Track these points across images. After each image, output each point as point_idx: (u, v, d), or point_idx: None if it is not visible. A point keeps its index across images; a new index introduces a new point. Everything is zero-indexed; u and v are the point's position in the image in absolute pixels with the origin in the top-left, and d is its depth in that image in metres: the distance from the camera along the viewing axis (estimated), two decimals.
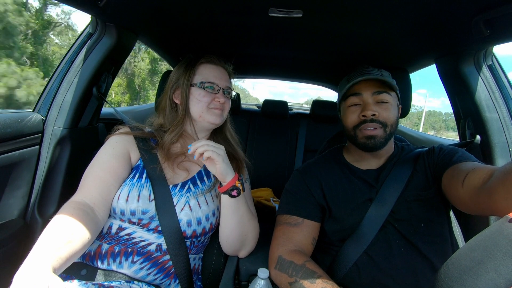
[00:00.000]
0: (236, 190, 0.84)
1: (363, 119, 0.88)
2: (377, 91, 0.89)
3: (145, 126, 1.00)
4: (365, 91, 0.90)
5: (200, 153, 0.80)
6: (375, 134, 0.87)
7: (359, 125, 0.89)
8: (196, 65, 0.97)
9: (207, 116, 0.93)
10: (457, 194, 0.75)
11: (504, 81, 1.11)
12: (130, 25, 1.18)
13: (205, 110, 0.93)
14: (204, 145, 0.80)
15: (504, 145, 1.05)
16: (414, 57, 1.36)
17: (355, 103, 0.91)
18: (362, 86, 0.90)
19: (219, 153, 0.81)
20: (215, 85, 0.94)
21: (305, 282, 0.73)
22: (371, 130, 0.88)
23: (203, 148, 0.80)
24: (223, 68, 1.01)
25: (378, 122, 0.88)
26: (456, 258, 0.50)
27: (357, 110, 0.90)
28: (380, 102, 0.89)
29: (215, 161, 0.81)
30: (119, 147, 0.89)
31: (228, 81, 1.00)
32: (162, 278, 0.82)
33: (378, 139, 0.88)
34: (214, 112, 0.94)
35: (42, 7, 15.92)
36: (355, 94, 0.91)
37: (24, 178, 1.08)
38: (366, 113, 0.87)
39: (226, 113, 0.99)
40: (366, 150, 0.91)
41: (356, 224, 0.87)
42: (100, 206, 0.79)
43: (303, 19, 1.08)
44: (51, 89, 1.17)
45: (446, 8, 0.89)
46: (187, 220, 0.84)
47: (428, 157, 0.91)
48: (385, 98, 0.90)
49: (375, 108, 0.88)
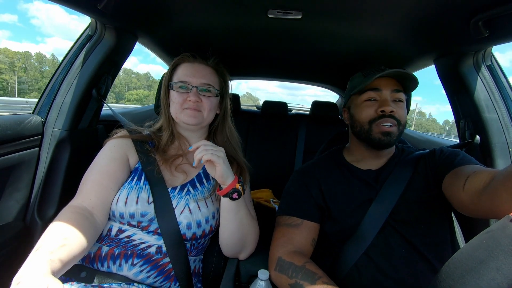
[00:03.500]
0: (237, 193, 0.83)
1: (382, 114, 0.88)
2: (396, 89, 0.90)
3: (143, 129, 1.00)
4: (385, 87, 0.90)
5: (199, 158, 0.78)
6: (391, 131, 0.87)
7: (376, 120, 0.89)
8: (174, 67, 0.95)
9: (181, 116, 0.90)
10: (458, 198, 0.74)
11: (503, 81, 1.11)
12: (130, 27, 1.18)
13: (179, 111, 0.90)
14: (203, 150, 0.78)
15: (503, 146, 1.05)
16: (413, 58, 1.36)
17: (372, 97, 0.91)
18: (382, 82, 0.90)
19: (219, 155, 0.79)
20: (186, 84, 0.90)
21: (305, 284, 0.73)
22: (388, 127, 0.87)
23: (201, 154, 0.78)
24: (201, 64, 0.94)
25: (395, 119, 0.88)
26: (457, 257, 0.49)
27: (374, 105, 0.90)
28: (396, 100, 0.90)
29: (215, 164, 0.79)
30: (117, 151, 0.89)
31: (206, 77, 0.92)
32: (162, 280, 0.81)
33: (393, 136, 0.88)
34: (187, 113, 0.89)
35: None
36: (374, 89, 0.90)
37: (24, 180, 1.08)
38: (386, 109, 0.87)
39: (207, 113, 0.92)
40: (379, 147, 0.91)
41: (356, 225, 0.87)
42: (99, 210, 0.79)
43: (302, 20, 1.08)
44: (50, 91, 1.18)
45: (445, 8, 0.89)
46: (187, 223, 0.84)
47: (429, 160, 0.91)
48: (401, 97, 0.91)
49: (392, 105, 0.88)
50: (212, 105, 0.93)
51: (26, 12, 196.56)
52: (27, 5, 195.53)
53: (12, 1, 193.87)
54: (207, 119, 0.94)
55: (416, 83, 0.91)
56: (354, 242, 0.85)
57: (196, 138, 0.99)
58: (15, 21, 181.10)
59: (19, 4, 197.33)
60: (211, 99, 0.92)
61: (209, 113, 0.93)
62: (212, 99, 0.93)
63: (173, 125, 0.97)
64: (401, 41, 1.22)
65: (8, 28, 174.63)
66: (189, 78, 0.90)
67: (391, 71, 0.87)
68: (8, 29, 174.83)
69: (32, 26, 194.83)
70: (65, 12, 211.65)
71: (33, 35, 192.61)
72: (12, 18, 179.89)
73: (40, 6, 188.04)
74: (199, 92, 0.90)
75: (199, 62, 0.94)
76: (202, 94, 0.91)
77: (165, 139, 0.95)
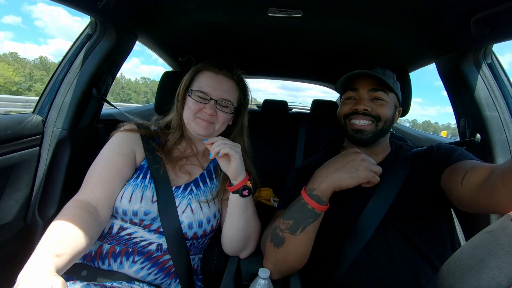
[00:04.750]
0: (247, 190, 0.84)
1: (355, 111, 0.93)
2: (373, 88, 0.93)
3: (150, 123, 0.98)
4: (362, 87, 0.94)
5: (217, 152, 0.79)
6: (364, 129, 0.92)
7: (349, 115, 0.95)
8: (197, 71, 0.93)
9: (193, 125, 0.89)
10: (456, 193, 0.75)
11: (504, 79, 1.10)
12: (130, 26, 1.18)
13: (191, 118, 0.89)
14: (221, 144, 0.80)
15: (504, 144, 1.05)
16: (414, 56, 1.36)
17: (351, 96, 0.97)
18: (360, 82, 0.95)
19: (237, 151, 0.81)
20: (206, 95, 0.88)
21: (293, 207, 0.80)
22: (360, 125, 0.93)
23: (219, 147, 0.79)
24: (225, 77, 0.92)
25: (370, 116, 0.92)
26: (457, 256, 0.49)
27: (351, 103, 0.96)
28: (375, 99, 0.93)
29: (232, 158, 0.80)
30: (125, 146, 0.88)
31: (227, 93, 0.90)
32: (162, 277, 0.82)
33: (366, 134, 0.92)
34: (199, 123, 0.88)
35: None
36: (352, 89, 0.96)
37: (24, 180, 1.08)
38: (358, 107, 0.93)
39: (219, 126, 0.90)
40: (354, 143, 0.95)
41: (353, 221, 0.87)
42: (103, 206, 0.79)
43: (302, 19, 1.08)
44: (51, 90, 1.17)
45: (445, 7, 0.89)
46: (188, 222, 0.84)
47: (427, 156, 0.92)
48: (380, 95, 0.93)
49: (368, 103, 0.92)
50: (226, 119, 0.92)
51: (30, 13, 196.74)
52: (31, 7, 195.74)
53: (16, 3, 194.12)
54: (218, 132, 0.93)
55: (391, 80, 0.95)
56: (353, 239, 0.86)
57: (204, 143, 0.99)
58: (19, 22, 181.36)
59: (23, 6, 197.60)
60: (226, 114, 0.91)
61: (221, 127, 0.92)
62: (228, 114, 0.91)
63: (184, 128, 0.96)
64: (401, 39, 1.22)
65: (12, 30, 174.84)
66: (210, 89, 0.88)
67: (355, 72, 0.92)
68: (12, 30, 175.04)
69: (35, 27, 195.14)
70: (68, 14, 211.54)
71: (35, 36, 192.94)
72: (16, 20, 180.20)
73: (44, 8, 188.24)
74: (216, 105, 0.88)
75: (223, 75, 0.92)
76: (218, 108, 0.89)
77: (173, 140, 0.94)
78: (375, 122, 0.92)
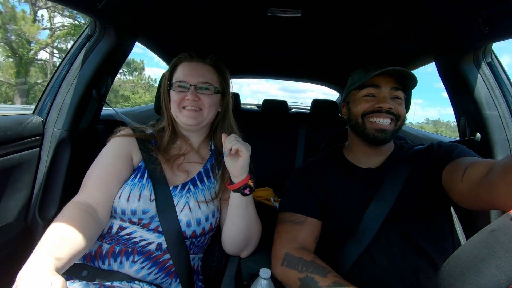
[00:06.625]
0: (249, 189, 0.84)
1: (378, 109, 0.89)
2: (395, 87, 0.91)
3: (146, 127, 1.00)
4: (384, 85, 0.91)
5: (230, 148, 0.80)
6: (386, 128, 0.89)
7: (369, 113, 0.90)
8: (173, 67, 0.95)
9: (181, 116, 0.91)
10: (457, 189, 0.75)
11: (504, 78, 1.10)
12: (129, 27, 1.18)
13: (178, 110, 0.90)
14: (234, 140, 0.81)
15: (504, 143, 1.05)
16: (414, 55, 1.36)
17: (371, 93, 0.92)
18: (382, 80, 0.91)
19: (247, 148, 0.82)
20: (184, 83, 0.90)
21: (316, 277, 0.74)
22: (383, 124, 0.89)
23: (231, 144, 0.80)
24: (198, 63, 0.94)
25: (393, 114, 0.89)
26: (458, 255, 0.50)
27: (372, 100, 0.92)
28: (395, 98, 0.91)
29: (241, 154, 0.80)
30: (121, 149, 0.89)
31: (204, 76, 0.92)
32: (163, 277, 0.82)
33: (388, 133, 0.89)
34: (186, 114, 0.89)
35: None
36: (374, 86, 0.92)
37: (25, 181, 1.08)
38: (383, 105, 0.88)
39: (207, 111, 0.92)
40: (374, 143, 0.92)
41: (356, 223, 0.87)
42: (102, 206, 0.79)
43: (302, 18, 1.08)
44: (50, 91, 1.18)
45: (445, 6, 0.89)
46: (186, 221, 0.84)
47: (427, 154, 0.92)
48: (400, 95, 0.92)
49: (391, 102, 0.89)
50: (213, 102, 0.93)
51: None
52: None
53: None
54: (208, 117, 0.94)
55: (415, 82, 0.91)
56: (355, 239, 0.86)
57: (197, 137, 1.00)
58: None
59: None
60: (210, 96, 0.92)
61: (209, 111, 0.92)
62: (212, 97, 0.92)
63: (175, 125, 0.98)
64: (401, 38, 1.22)
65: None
66: (187, 77, 0.91)
67: (391, 68, 0.88)
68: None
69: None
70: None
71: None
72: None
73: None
74: (197, 90, 0.90)
75: (196, 61, 0.94)
76: (200, 92, 0.91)
77: (167, 139, 0.95)
78: (395, 121, 0.90)
